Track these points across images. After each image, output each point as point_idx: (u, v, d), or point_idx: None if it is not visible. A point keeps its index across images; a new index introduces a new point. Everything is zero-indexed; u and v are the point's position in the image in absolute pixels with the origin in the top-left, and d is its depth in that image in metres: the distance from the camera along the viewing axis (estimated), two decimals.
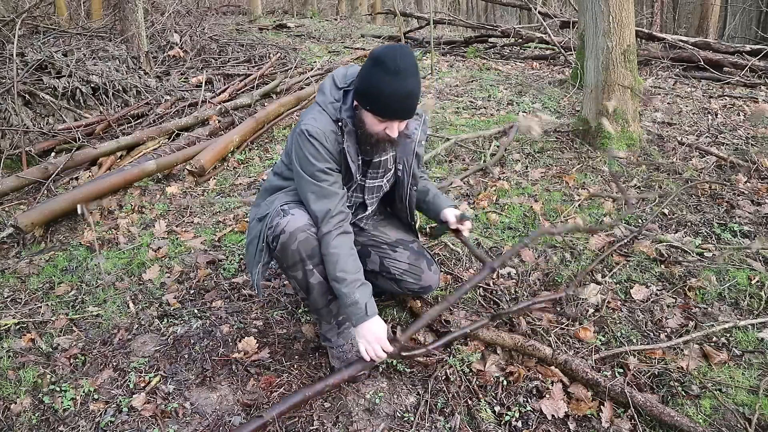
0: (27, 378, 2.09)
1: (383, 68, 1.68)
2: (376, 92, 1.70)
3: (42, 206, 3.27)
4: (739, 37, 13.70)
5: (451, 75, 6.47)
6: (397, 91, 1.69)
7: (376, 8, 16.34)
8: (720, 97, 5.40)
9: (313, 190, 1.83)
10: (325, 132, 1.81)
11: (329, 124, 1.83)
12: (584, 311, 2.34)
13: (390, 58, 1.68)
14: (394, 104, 1.72)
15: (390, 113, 1.74)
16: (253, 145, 4.52)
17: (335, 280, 1.81)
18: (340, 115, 1.83)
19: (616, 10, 3.78)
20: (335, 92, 1.87)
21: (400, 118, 1.77)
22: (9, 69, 4.68)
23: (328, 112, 1.84)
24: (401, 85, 1.68)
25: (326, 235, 1.83)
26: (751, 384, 1.93)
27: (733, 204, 3.16)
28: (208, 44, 7.59)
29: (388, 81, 1.67)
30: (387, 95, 1.69)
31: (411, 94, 1.72)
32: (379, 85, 1.69)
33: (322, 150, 1.81)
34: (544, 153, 4.01)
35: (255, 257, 1.95)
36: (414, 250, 2.18)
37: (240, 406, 1.94)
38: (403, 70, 1.67)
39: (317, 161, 1.81)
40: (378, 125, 1.78)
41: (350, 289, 1.79)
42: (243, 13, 14.05)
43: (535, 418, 1.86)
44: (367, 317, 1.78)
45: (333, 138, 1.83)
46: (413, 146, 2.03)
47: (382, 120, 1.76)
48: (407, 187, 2.09)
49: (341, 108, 1.84)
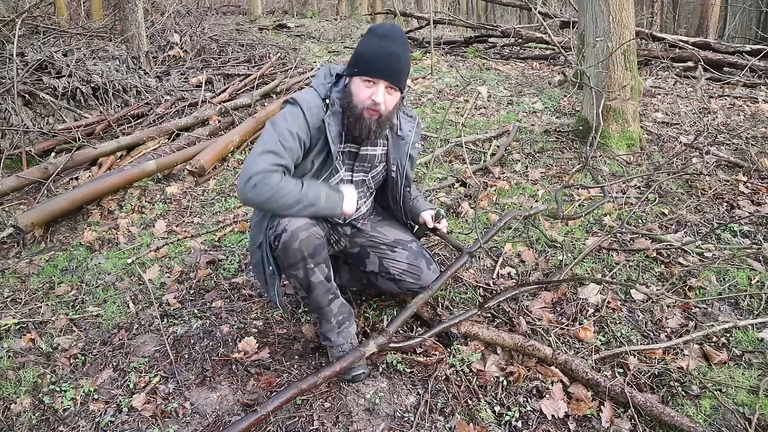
0: (27, 378, 2.09)
1: (373, 33, 1.87)
2: (363, 53, 1.85)
3: (42, 206, 3.27)
4: (739, 37, 13.70)
5: (451, 75, 6.46)
6: (382, 50, 1.82)
7: (376, 8, 16.33)
8: (720, 97, 5.40)
9: (271, 141, 1.81)
10: (309, 103, 1.88)
11: (316, 98, 1.91)
12: (584, 311, 2.34)
13: (381, 27, 1.88)
14: (378, 62, 1.82)
15: (374, 71, 1.83)
16: (253, 145, 4.52)
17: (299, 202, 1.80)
18: (329, 93, 1.93)
19: (616, 10, 3.78)
20: (329, 76, 1.98)
21: (384, 76, 1.84)
22: (9, 69, 4.68)
23: (317, 90, 1.94)
24: (387, 45, 1.83)
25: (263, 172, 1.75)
26: (751, 384, 1.93)
27: (733, 204, 3.16)
28: (208, 44, 7.59)
29: (375, 42, 1.85)
30: (373, 53, 1.83)
31: (396, 55, 1.83)
32: (366, 47, 1.85)
33: (300, 117, 1.85)
34: (544, 153, 4.01)
35: (268, 281, 1.99)
36: (413, 250, 2.18)
37: (240, 406, 1.94)
38: (390, 35, 1.84)
39: (290, 122, 1.84)
40: (363, 91, 1.85)
41: (315, 192, 1.84)
42: (243, 13, 14.05)
43: (535, 418, 1.86)
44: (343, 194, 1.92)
45: (316, 112, 1.88)
46: (407, 148, 2.08)
47: (367, 80, 1.84)
48: (401, 187, 2.14)
49: (332, 88, 1.94)
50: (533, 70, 6.95)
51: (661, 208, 3.17)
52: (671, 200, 3.25)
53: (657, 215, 3.10)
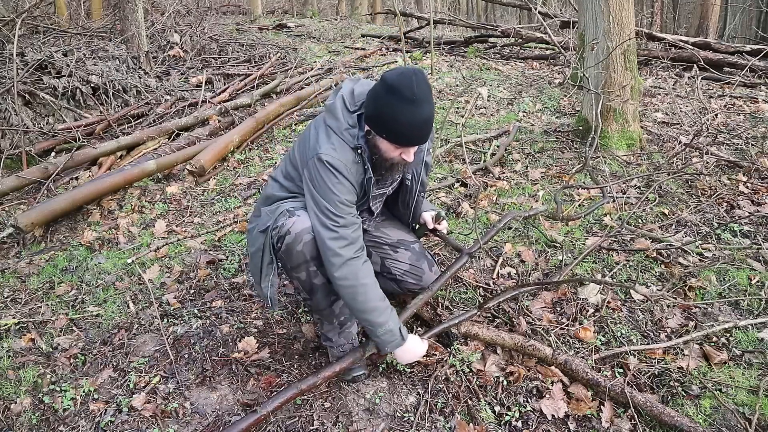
0: (27, 378, 2.09)
1: (398, 96, 1.63)
2: (392, 121, 1.66)
3: (42, 206, 3.27)
4: (739, 37, 13.71)
5: (451, 75, 6.46)
6: (414, 119, 1.65)
7: (376, 8, 16.33)
8: (720, 97, 5.40)
9: (332, 219, 1.75)
10: (347, 164, 1.75)
11: (349, 153, 1.76)
12: (584, 311, 2.34)
13: (405, 85, 1.62)
14: (411, 132, 1.69)
15: (408, 141, 1.72)
16: (253, 145, 4.52)
17: (366, 311, 1.79)
18: (359, 143, 1.77)
19: (616, 10, 3.78)
20: (348, 116, 1.78)
21: (418, 144, 1.76)
22: (9, 69, 4.68)
23: (345, 141, 1.76)
24: (418, 112, 1.65)
25: (352, 260, 1.77)
26: (751, 384, 1.93)
27: (733, 204, 3.16)
28: (208, 44, 7.59)
29: (404, 109, 1.63)
30: (404, 124, 1.66)
31: (428, 121, 1.69)
32: (395, 114, 1.65)
33: (345, 182, 1.75)
34: (544, 153, 4.01)
35: (263, 270, 1.93)
36: (415, 250, 2.18)
37: (240, 406, 1.94)
38: (420, 98, 1.63)
39: (340, 193, 1.74)
40: (393, 151, 1.76)
41: (384, 318, 1.79)
42: (243, 13, 14.05)
43: (535, 418, 1.86)
44: (404, 341, 1.84)
45: (355, 169, 1.78)
46: (422, 156, 2.04)
47: (399, 147, 1.74)
48: (415, 193, 2.11)
49: (358, 135, 1.77)
50: (533, 70, 6.95)
51: (661, 208, 3.17)
52: (671, 200, 3.25)
53: (657, 215, 3.10)
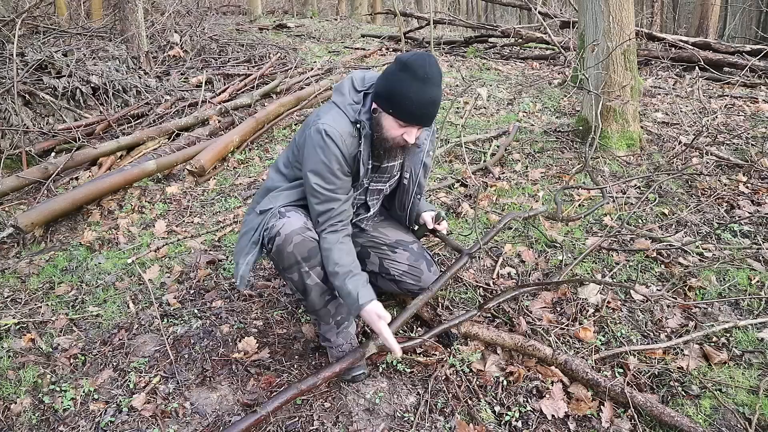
0: (27, 378, 2.09)
1: (411, 73, 1.68)
2: (401, 96, 1.70)
3: (42, 206, 3.27)
4: (739, 37, 13.71)
5: (451, 75, 6.46)
6: (422, 97, 1.69)
7: (376, 8, 16.33)
8: (720, 97, 5.40)
9: (320, 189, 1.82)
10: (343, 135, 1.79)
11: (348, 126, 1.81)
12: (584, 311, 2.34)
13: (419, 64, 1.68)
14: (418, 110, 1.72)
15: (413, 118, 1.74)
16: (253, 145, 4.52)
17: (330, 274, 1.86)
18: (359, 117, 1.81)
19: (616, 10, 3.78)
20: (354, 94, 1.85)
21: (422, 124, 1.78)
22: (9, 69, 4.68)
23: (347, 114, 1.82)
24: (427, 91, 1.69)
25: (322, 233, 1.87)
26: (751, 384, 1.93)
27: (733, 204, 3.16)
28: (208, 44, 7.59)
29: (415, 86, 1.68)
30: (412, 100, 1.69)
31: (435, 101, 1.73)
32: (404, 90, 1.69)
33: (338, 153, 1.79)
34: (544, 153, 4.01)
35: (246, 248, 1.92)
36: (414, 251, 2.18)
37: (240, 406, 1.94)
38: (431, 78, 1.68)
39: (331, 163, 1.79)
40: (397, 129, 1.78)
41: (342, 281, 1.82)
42: (243, 13, 14.05)
43: (535, 418, 1.86)
44: (360, 305, 1.81)
45: (350, 141, 1.82)
46: (422, 156, 2.04)
47: (403, 125, 1.76)
48: (411, 194, 2.11)
49: (360, 110, 1.83)
50: (533, 70, 6.95)
51: (661, 208, 3.17)
52: (671, 200, 3.25)
53: (657, 215, 3.10)
